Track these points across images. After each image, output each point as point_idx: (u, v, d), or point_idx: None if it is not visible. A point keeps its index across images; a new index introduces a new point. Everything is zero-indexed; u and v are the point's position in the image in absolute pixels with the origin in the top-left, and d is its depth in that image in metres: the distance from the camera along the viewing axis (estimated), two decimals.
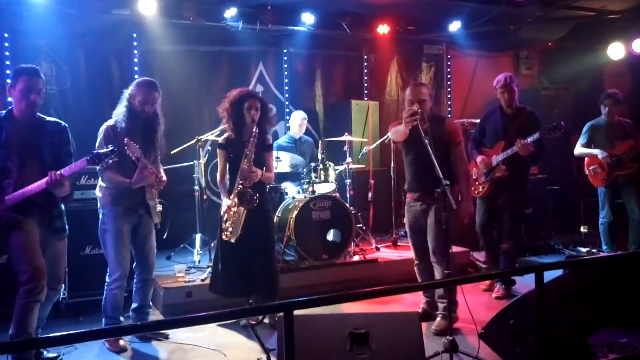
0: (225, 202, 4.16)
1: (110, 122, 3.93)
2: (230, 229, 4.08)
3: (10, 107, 3.51)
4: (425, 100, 4.08)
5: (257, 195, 4.04)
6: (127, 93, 3.95)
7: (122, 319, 4.05)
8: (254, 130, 4.07)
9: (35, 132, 3.50)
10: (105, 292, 3.97)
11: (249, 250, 4.16)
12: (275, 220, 5.20)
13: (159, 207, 4.09)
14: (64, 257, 3.67)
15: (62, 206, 3.65)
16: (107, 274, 3.96)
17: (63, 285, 3.80)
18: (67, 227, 3.66)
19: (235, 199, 4.05)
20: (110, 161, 3.53)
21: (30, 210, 3.42)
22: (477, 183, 5.11)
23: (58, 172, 3.34)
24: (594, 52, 7.78)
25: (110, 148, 3.52)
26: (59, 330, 4.04)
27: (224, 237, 4.14)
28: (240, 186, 4.04)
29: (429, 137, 3.73)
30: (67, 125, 3.68)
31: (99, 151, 3.51)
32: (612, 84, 6.81)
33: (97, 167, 3.68)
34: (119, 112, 3.92)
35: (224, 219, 4.14)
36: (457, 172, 4.23)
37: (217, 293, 4.33)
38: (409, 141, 4.09)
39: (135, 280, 4.14)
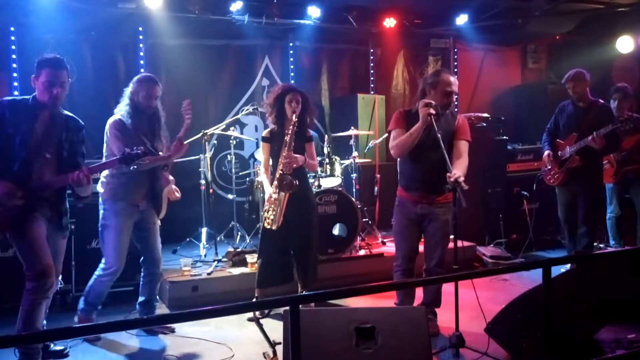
0: (268, 191, 4.25)
1: (116, 117, 3.89)
2: (271, 216, 4.15)
3: (34, 94, 3.40)
4: (455, 93, 3.89)
5: (297, 181, 4.12)
6: (128, 91, 3.93)
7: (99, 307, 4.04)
8: (293, 119, 4.17)
9: (58, 126, 3.45)
10: (93, 279, 3.95)
11: (290, 238, 4.27)
12: None
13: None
14: (63, 254, 3.66)
15: (67, 204, 3.63)
16: (101, 266, 3.94)
17: (60, 275, 3.80)
18: (70, 225, 3.66)
19: (276, 183, 4.15)
20: (141, 162, 3.54)
21: (42, 206, 3.39)
22: (552, 173, 5.26)
23: (84, 170, 3.30)
24: (602, 45, 7.70)
25: (141, 149, 3.51)
26: (65, 324, 4.10)
27: (265, 224, 4.21)
28: (281, 172, 4.14)
29: (441, 132, 3.60)
30: (84, 124, 3.63)
31: (130, 152, 3.48)
32: (620, 78, 6.76)
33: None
34: (122, 110, 3.89)
35: (266, 207, 4.22)
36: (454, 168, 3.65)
37: (260, 287, 4.34)
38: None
39: (142, 274, 4.15)
